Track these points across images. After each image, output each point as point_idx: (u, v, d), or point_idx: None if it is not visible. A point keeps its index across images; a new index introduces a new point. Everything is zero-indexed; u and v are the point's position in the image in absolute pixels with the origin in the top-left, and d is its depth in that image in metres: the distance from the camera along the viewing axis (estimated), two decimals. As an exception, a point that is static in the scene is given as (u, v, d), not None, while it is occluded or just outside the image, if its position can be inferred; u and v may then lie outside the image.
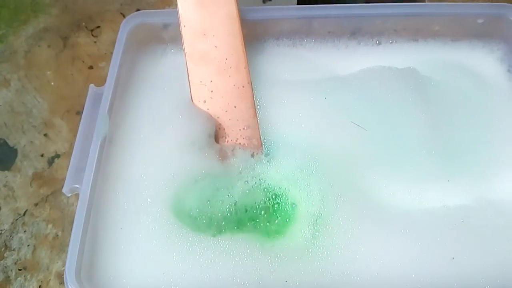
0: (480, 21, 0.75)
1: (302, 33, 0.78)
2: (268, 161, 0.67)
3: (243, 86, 0.68)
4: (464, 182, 0.65)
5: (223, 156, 0.67)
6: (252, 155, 0.67)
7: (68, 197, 0.74)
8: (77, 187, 0.61)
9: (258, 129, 0.68)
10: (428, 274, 0.58)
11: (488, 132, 0.69)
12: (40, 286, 0.68)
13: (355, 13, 0.75)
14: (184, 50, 0.69)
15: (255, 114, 0.69)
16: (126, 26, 0.73)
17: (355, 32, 0.77)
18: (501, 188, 0.64)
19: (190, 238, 0.60)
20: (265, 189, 0.65)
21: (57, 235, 0.72)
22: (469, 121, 0.70)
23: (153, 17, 0.75)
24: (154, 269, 0.58)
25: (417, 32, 0.77)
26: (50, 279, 0.68)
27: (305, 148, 0.67)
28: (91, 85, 0.69)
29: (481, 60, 0.76)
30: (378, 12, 0.75)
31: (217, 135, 0.69)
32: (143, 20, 0.75)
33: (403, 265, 0.58)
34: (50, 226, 0.73)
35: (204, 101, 0.68)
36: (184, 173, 0.64)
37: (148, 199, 0.62)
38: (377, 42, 0.78)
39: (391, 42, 0.78)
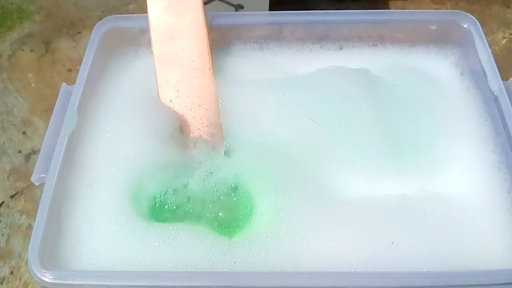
0: (433, 27, 0.78)
1: (269, 38, 0.81)
2: (228, 154, 0.70)
3: (208, 86, 0.72)
4: (411, 175, 0.67)
5: (185, 148, 0.70)
6: (213, 148, 0.70)
7: (42, 190, 0.77)
8: (44, 177, 0.64)
9: (221, 126, 0.72)
10: (369, 256, 0.60)
11: (438, 131, 0.71)
12: (11, 272, 0.71)
13: (322, 19, 0.79)
14: (152, 52, 0.72)
15: (219, 112, 0.72)
16: (99, 30, 0.77)
17: (323, 39, 0.81)
18: (444, 182, 0.67)
19: (147, 224, 0.63)
20: (224, 179, 0.68)
21: (30, 225, 0.75)
22: (421, 120, 0.72)
23: (125, 22, 0.79)
24: (112, 252, 0.61)
25: (378, 39, 0.81)
26: (21, 266, 0.72)
27: (264, 142, 0.69)
28: (63, 84, 0.73)
29: (436, 64, 0.79)
30: (342, 19, 0.79)
31: (181, 132, 0.72)
32: (116, 24, 0.79)
33: (346, 248, 0.60)
34: (24, 217, 0.76)
35: (171, 100, 0.72)
36: (146, 163, 0.67)
37: (110, 187, 0.65)
38: (340, 47, 0.81)
39: (353, 47, 0.81)
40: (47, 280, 0.57)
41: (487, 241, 0.62)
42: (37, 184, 0.65)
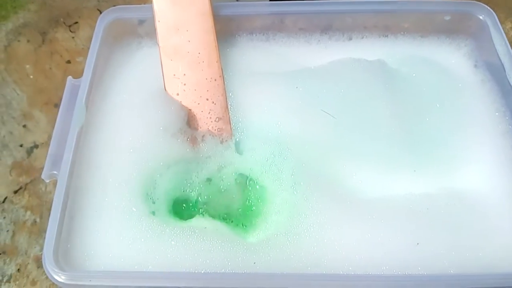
0: (447, 18, 0.77)
1: (274, 28, 0.80)
2: (239, 148, 0.69)
3: (215, 80, 0.71)
4: (429, 172, 0.67)
5: (194, 143, 0.69)
6: (222, 143, 0.69)
7: (46, 185, 0.75)
8: (55, 174, 0.63)
9: (229, 120, 0.70)
10: (393, 258, 0.59)
11: (454, 124, 0.70)
12: (18, 270, 0.70)
13: (326, 9, 0.78)
14: (158, 44, 0.70)
15: (227, 106, 0.71)
16: (103, 21, 0.76)
17: (327, 29, 0.79)
18: (465, 179, 0.66)
19: (162, 222, 0.62)
20: (237, 175, 0.67)
21: (35, 221, 0.73)
22: (436, 114, 0.71)
23: (129, 12, 0.78)
24: (127, 250, 0.60)
25: (387, 29, 0.79)
26: (28, 263, 0.70)
27: (277, 136, 0.69)
28: (69, 77, 0.71)
29: (448, 55, 0.78)
30: (348, 9, 0.77)
31: (189, 126, 0.71)
32: (119, 15, 0.77)
33: (369, 249, 0.60)
34: (28, 212, 0.74)
35: (177, 94, 0.70)
36: (157, 159, 0.66)
37: (123, 184, 0.64)
38: (348, 37, 0.80)
39: (362, 38, 0.80)
40: (62, 280, 0.56)
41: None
42: (47, 181, 0.63)
